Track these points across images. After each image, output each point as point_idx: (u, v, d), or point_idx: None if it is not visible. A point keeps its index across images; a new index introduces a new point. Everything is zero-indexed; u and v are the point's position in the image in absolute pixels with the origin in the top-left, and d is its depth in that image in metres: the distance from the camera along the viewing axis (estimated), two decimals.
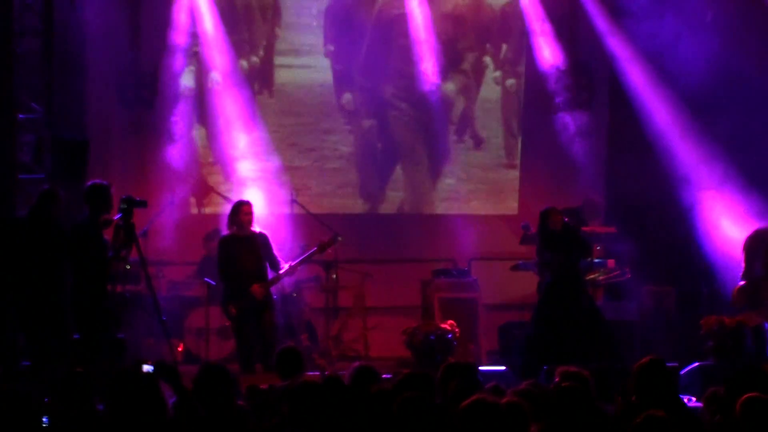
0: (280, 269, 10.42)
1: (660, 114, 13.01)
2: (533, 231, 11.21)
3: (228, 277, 10.34)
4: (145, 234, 11.48)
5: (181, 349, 11.72)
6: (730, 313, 10.56)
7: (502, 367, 10.82)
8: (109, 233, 9.68)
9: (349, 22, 13.65)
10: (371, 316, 12.66)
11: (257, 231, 10.41)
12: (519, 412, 5.03)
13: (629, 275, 12.21)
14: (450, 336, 10.97)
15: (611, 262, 12.25)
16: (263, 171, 13.05)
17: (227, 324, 11.03)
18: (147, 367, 5.85)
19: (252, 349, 10.19)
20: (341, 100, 13.80)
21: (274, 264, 10.42)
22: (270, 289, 10.37)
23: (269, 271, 10.39)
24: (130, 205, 9.68)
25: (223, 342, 11.78)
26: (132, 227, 9.69)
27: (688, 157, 12.74)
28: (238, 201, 10.63)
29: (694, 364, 9.95)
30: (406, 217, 13.97)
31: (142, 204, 9.91)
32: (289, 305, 11.84)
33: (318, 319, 12.36)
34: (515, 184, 14.16)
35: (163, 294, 11.63)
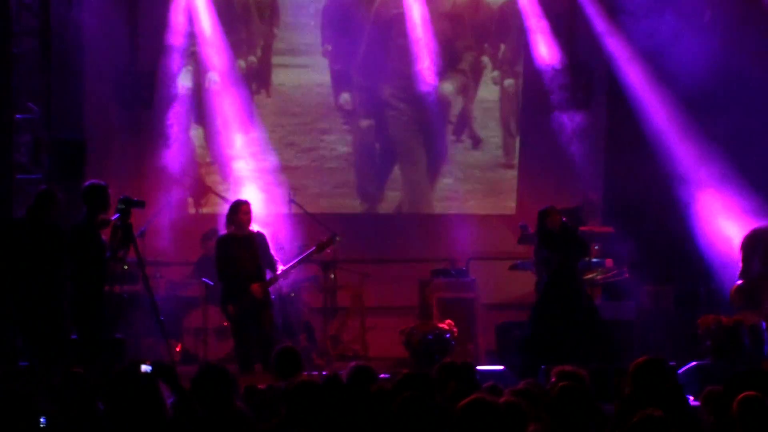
0: (278, 269, 10.43)
1: (658, 113, 12.99)
2: (531, 231, 11.22)
3: (226, 277, 10.33)
4: (142, 234, 11.48)
5: (179, 349, 11.70)
6: (728, 313, 10.56)
7: (500, 366, 10.83)
8: (107, 233, 9.66)
9: (346, 22, 13.63)
10: (369, 316, 12.64)
11: (255, 231, 10.42)
12: (517, 412, 5.03)
13: (627, 275, 12.22)
14: (448, 336, 10.98)
15: (609, 262, 12.25)
16: (261, 171, 13.03)
17: (225, 324, 11.03)
18: (145, 368, 5.84)
19: (250, 350, 10.19)
20: (339, 99, 13.80)
21: (271, 264, 10.42)
22: (268, 289, 10.38)
23: (267, 271, 10.40)
24: (127, 205, 9.67)
25: (221, 342, 11.77)
26: (130, 227, 9.68)
27: (686, 157, 12.73)
28: (237, 200, 10.63)
29: (692, 364, 9.96)
30: (404, 216, 13.96)
31: (140, 204, 9.90)
32: (288, 305, 11.82)
33: (316, 319, 12.35)
34: (513, 184, 14.16)
35: (161, 294, 11.59)
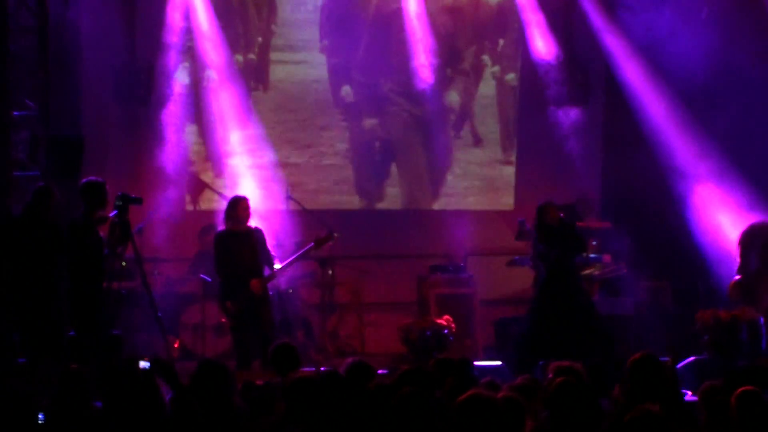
0: (275, 265, 10.43)
1: (656, 109, 12.99)
2: (529, 226, 11.21)
3: (225, 273, 10.33)
4: (140, 231, 11.46)
5: (177, 345, 11.70)
6: (726, 308, 10.57)
7: (498, 362, 10.83)
8: (105, 230, 9.67)
9: (345, 18, 13.59)
10: (367, 312, 12.65)
11: (253, 226, 10.42)
12: (515, 407, 5.04)
13: (625, 270, 12.22)
14: (446, 332, 10.99)
15: (607, 258, 12.25)
16: (259, 167, 13.02)
17: (223, 320, 11.03)
18: (143, 364, 5.85)
19: (248, 346, 10.19)
20: (339, 93, 13.76)
21: (268, 260, 10.43)
22: (266, 285, 10.38)
23: (264, 267, 10.40)
24: (125, 202, 9.67)
25: (219, 338, 11.77)
26: (127, 224, 9.69)
27: (683, 152, 12.73)
28: (237, 196, 10.63)
29: (690, 359, 9.97)
30: (402, 213, 13.94)
31: (138, 201, 9.91)
32: (285, 301, 11.82)
33: (314, 315, 12.35)
34: (511, 180, 14.14)
35: (159, 291, 11.57)
